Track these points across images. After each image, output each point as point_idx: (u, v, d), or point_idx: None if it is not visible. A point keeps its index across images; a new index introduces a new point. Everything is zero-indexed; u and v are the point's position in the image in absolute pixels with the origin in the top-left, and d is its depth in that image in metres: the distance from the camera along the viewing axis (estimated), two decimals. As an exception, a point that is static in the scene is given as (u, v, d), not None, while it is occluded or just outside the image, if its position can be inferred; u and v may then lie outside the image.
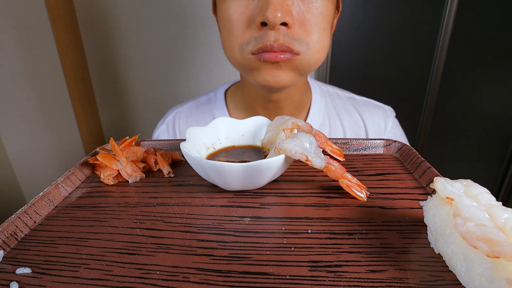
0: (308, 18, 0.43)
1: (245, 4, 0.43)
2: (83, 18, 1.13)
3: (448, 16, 1.17)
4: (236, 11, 0.43)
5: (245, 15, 0.43)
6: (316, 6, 0.43)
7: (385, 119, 0.63)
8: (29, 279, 0.24)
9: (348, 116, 0.63)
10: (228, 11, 0.44)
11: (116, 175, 0.37)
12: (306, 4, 0.43)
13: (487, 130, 1.39)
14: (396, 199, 0.32)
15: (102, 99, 1.28)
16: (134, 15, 1.13)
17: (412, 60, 1.27)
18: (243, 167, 0.30)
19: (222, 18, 0.46)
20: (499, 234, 0.19)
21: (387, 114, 0.64)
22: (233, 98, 0.63)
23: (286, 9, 0.41)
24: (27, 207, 0.30)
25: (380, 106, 0.65)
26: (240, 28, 0.44)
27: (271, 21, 0.40)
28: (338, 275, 0.23)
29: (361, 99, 0.65)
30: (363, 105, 0.64)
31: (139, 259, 0.25)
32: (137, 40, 1.17)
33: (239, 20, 0.43)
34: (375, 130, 0.62)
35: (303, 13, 0.42)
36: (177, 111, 0.66)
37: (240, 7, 0.43)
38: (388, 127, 0.63)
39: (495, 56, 1.25)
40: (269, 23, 0.40)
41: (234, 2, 0.43)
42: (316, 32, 0.44)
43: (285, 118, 0.36)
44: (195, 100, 0.67)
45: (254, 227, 0.28)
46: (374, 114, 0.63)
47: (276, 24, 0.40)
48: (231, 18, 0.44)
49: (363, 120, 0.62)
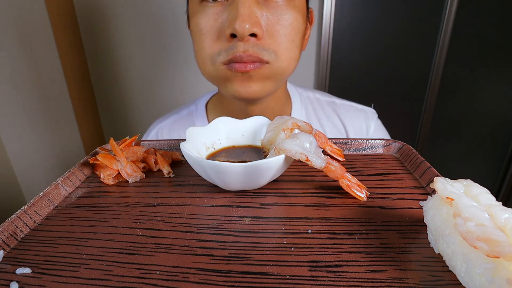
0: (277, 29, 0.44)
1: (214, 17, 0.44)
2: (83, 18, 1.13)
3: (448, 16, 1.17)
4: (206, 24, 0.45)
5: (215, 28, 0.44)
6: (285, 18, 0.44)
7: (367, 122, 0.62)
8: (29, 279, 0.24)
9: (329, 122, 0.62)
10: (199, 25, 0.45)
11: (116, 175, 0.37)
12: (275, 15, 0.43)
13: (487, 130, 1.39)
14: (396, 199, 0.32)
15: (102, 99, 1.28)
16: (134, 15, 1.13)
17: (412, 60, 1.27)
18: (243, 167, 0.30)
19: (193, 31, 0.47)
20: (499, 234, 0.19)
21: (368, 117, 0.63)
22: (214, 111, 0.62)
23: (254, 20, 0.42)
24: (27, 207, 0.30)
25: (361, 109, 0.64)
26: (210, 40, 0.45)
27: (239, 32, 0.41)
28: (338, 275, 0.23)
29: (342, 102, 0.65)
30: (344, 109, 0.63)
31: (139, 259, 0.25)
32: (137, 40, 1.17)
33: (209, 32, 0.45)
34: (357, 134, 0.62)
35: (272, 24, 0.43)
36: (159, 126, 0.66)
37: (210, 20, 0.44)
38: (370, 130, 0.62)
39: (495, 56, 1.25)
40: (238, 34, 0.41)
41: (204, 16, 0.45)
42: (285, 43, 0.45)
43: (285, 118, 0.36)
44: (176, 113, 0.66)
45: (254, 227, 0.28)
46: (355, 117, 0.62)
47: (244, 36, 0.41)
48: (202, 31, 0.45)
49: (344, 124, 0.62)
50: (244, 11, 0.41)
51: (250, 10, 0.41)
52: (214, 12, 0.44)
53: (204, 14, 0.45)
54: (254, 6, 0.42)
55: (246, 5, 0.41)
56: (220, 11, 0.43)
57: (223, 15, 0.43)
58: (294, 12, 0.44)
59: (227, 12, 0.43)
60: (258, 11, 0.42)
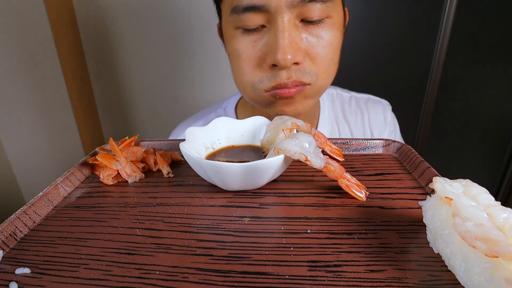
0: (317, 51, 0.43)
1: (252, 44, 0.43)
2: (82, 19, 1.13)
3: (448, 15, 1.17)
4: (244, 51, 0.44)
5: (254, 55, 0.43)
6: (325, 39, 0.43)
7: (385, 113, 0.65)
8: (28, 279, 0.24)
9: (353, 117, 0.64)
10: (237, 51, 0.45)
11: (116, 175, 0.37)
12: (315, 37, 0.42)
13: (486, 130, 1.39)
14: (395, 199, 0.32)
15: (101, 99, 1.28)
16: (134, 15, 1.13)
17: (412, 60, 1.27)
18: (242, 167, 0.30)
19: (231, 56, 0.47)
20: (498, 234, 0.19)
21: (385, 108, 0.66)
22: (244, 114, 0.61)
23: (295, 48, 0.41)
24: (27, 207, 0.30)
25: (378, 101, 0.67)
26: (250, 67, 0.44)
27: (282, 64, 0.40)
28: (337, 275, 0.23)
29: (361, 96, 0.67)
30: (364, 102, 0.66)
31: (138, 259, 0.25)
32: (137, 41, 1.17)
33: (249, 60, 0.44)
34: (378, 125, 0.64)
35: (313, 46, 0.43)
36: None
37: (248, 48, 0.43)
38: (387, 120, 0.65)
39: (494, 56, 1.25)
40: (280, 66, 0.41)
41: (242, 43, 0.44)
42: (325, 63, 0.44)
43: (284, 118, 0.36)
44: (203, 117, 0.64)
45: (253, 227, 0.28)
46: (375, 109, 0.65)
47: (287, 67, 0.41)
48: (241, 57, 0.44)
49: (366, 117, 0.64)
50: (285, 42, 0.40)
51: (290, 38, 0.40)
52: (252, 39, 0.43)
53: (241, 41, 0.44)
54: (293, 32, 0.41)
55: (285, 34, 0.40)
56: (258, 38, 0.43)
57: (261, 41, 0.43)
58: (333, 31, 0.43)
59: (266, 38, 0.42)
60: (297, 36, 0.41)
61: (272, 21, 0.41)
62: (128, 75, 1.25)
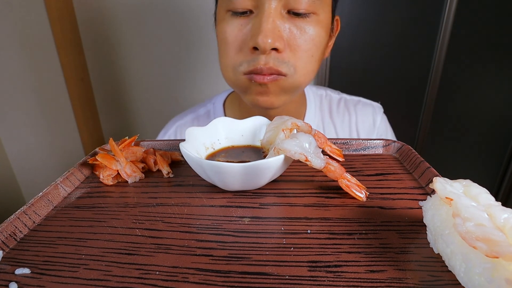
0: (298, 44, 0.44)
1: (239, 28, 0.45)
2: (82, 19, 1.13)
3: (448, 15, 1.17)
4: (231, 34, 0.46)
5: (239, 38, 0.45)
6: (308, 33, 0.44)
7: (374, 116, 0.65)
8: (28, 279, 0.24)
9: (340, 118, 0.64)
10: (224, 33, 0.47)
11: (116, 176, 0.37)
12: (298, 29, 0.44)
13: (486, 130, 1.39)
14: (395, 199, 0.32)
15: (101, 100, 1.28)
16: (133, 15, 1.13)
17: (412, 60, 1.27)
18: (242, 167, 0.30)
19: (219, 38, 0.49)
20: (498, 234, 0.19)
21: (375, 111, 0.66)
22: (232, 110, 0.64)
23: (277, 35, 0.42)
24: (26, 208, 0.30)
25: (369, 104, 0.67)
26: (233, 50, 0.46)
27: (261, 47, 0.42)
28: (337, 275, 0.23)
29: (351, 98, 0.67)
30: (353, 105, 0.66)
31: (138, 260, 0.25)
32: (136, 41, 1.17)
33: (234, 42, 0.46)
34: (365, 128, 0.64)
35: (295, 38, 0.44)
36: (178, 124, 0.67)
37: (235, 31, 0.45)
38: (376, 123, 0.65)
39: (494, 56, 1.25)
40: (260, 48, 0.42)
41: (230, 25, 0.46)
42: (304, 58, 0.45)
43: (284, 118, 0.36)
44: (194, 111, 0.67)
45: (253, 227, 0.28)
46: (364, 112, 0.65)
47: (266, 50, 0.42)
48: (227, 40, 0.46)
49: (354, 119, 0.64)
50: (267, 26, 0.41)
51: (274, 24, 0.42)
52: (239, 23, 0.45)
53: (229, 24, 0.46)
54: (277, 20, 0.42)
55: (270, 20, 0.42)
56: (245, 23, 0.45)
57: (247, 26, 0.44)
58: (317, 28, 0.45)
59: (251, 23, 0.44)
60: (281, 25, 0.43)
61: (259, 6, 0.43)
62: (128, 75, 1.25)
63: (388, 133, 0.67)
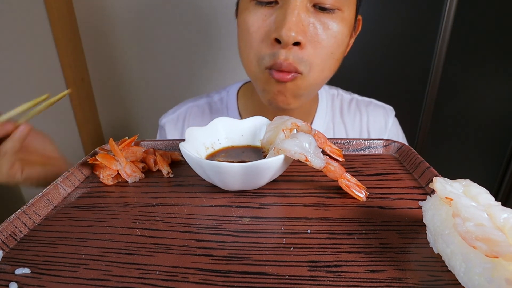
0: (320, 40, 0.43)
1: (262, 18, 0.44)
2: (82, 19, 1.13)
3: (448, 15, 1.17)
4: (254, 24, 0.45)
5: (263, 29, 0.44)
6: (331, 29, 0.43)
7: (386, 118, 0.65)
8: (28, 279, 0.24)
9: (351, 118, 0.64)
10: (247, 23, 0.45)
11: (116, 175, 0.37)
12: (322, 25, 0.43)
13: (486, 130, 1.39)
14: (395, 199, 0.32)
15: (101, 99, 1.28)
16: (134, 15, 1.13)
17: (412, 60, 1.27)
18: (242, 167, 0.30)
19: (241, 28, 0.47)
20: (498, 234, 0.19)
21: (387, 113, 0.65)
22: (245, 100, 0.63)
23: (300, 28, 0.41)
24: (26, 208, 0.30)
25: (381, 106, 0.67)
26: (256, 41, 0.45)
27: (284, 40, 0.41)
28: (337, 275, 0.23)
29: (362, 99, 0.67)
30: (364, 106, 0.65)
31: (138, 259, 0.25)
32: (137, 41, 1.17)
33: (256, 33, 0.45)
34: (376, 130, 0.64)
35: (317, 34, 0.43)
36: (190, 105, 0.66)
37: (258, 21, 0.44)
38: (388, 125, 0.64)
39: (494, 56, 1.25)
40: (283, 41, 0.41)
41: (253, 15, 0.44)
42: (323, 54, 0.44)
43: (284, 118, 0.36)
44: (208, 97, 0.67)
45: (253, 227, 0.28)
46: (375, 113, 0.65)
47: (289, 44, 0.41)
48: (250, 30, 0.45)
49: (365, 120, 0.64)
50: (292, 19, 0.40)
51: (298, 17, 0.41)
52: (263, 13, 0.44)
53: (253, 13, 0.44)
54: (302, 13, 0.41)
55: (295, 12, 0.41)
56: (269, 13, 0.43)
57: (271, 17, 0.43)
58: (341, 25, 0.44)
59: (276, 14, 0.43)
60: (305, 18, 0.42)
61: None
62: (128, 75, 1.25)
63: (399, 136, 0.66)
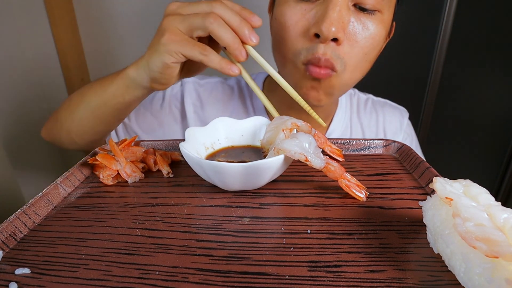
0: (358, 39, 0.43)
1: (302, 12, 0.43)
2: (82, 18, 1.13)
3: (447, 16, 1.17)
4: (292, 17, 0.44)
5: (301, 24, 0.44)
6: (369, 30, 0.43)
7: (401, 119, 0.66)
8: (28, 279, 0.23)
9: (367, 118, 0.64)
10: (284, 16, 0.45)
11: (116, 175, 0.37)
12: (361, 25, 0.43)
13: (486, 130, 1.39)
14: (395, 199, 0.32)
15: (101, 100, 1.28)
16: (134, 15, 1.13)
17: (411, 61, 1.27)
18: (242, 167, 0.30)
19: (277, 21, 0.46)
20: (498, 234, 0.19)
21: (402, 115, 0.66)
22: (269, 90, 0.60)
23: (341, 25, 0.41)
24: (26, 208, 0.30)
25: (396, 107, 0.68)
26: (293, 35, 0.44)
27: (324, 34, 0.41)
28: (337, 275, 0.23)
29: (378, 99, 0.68)
30: (380, 106, 0.66)
31: (138, 259, 0.25)
32: (137, 41, 1.17)
33: (294, 27, 0.44)
34: (392, 130, 0.64)
35: (356, 33, 0.43)
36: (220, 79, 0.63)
37: (297, 15, 0.44)
38: (403, 126, 0.65)
39: (494, 56, 1.25)
40: (322, 36, 0.41)
41: (292, 9, 0.44)
42: (359, 54, 0.44)
43: (284, 118, 0.36)
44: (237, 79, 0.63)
45: (253, 227, 0.28)
46: (391, 114, 0.65)
47: (328, 38, 0.41)
48: (287, 24, 0.44)
49: (381, 120, 0.64)
50: (333, 14, 0.40)
51: (339, 14, 0.41)
52: (303, 8, 0.43)
53: (292, 7, 0.44)
54: (343, 11, 0.41)
55: (336, 9, 0.41)
56: (308, 8, 0.43)
57: (310, 12, 0.43)
58: (380, 27, 0.44)
59: (316, 10, 0.42)
60: (346, 16, 0.42)
61: None
62: (128, 75, 1.24)
63: (413, 137, 0.67)
